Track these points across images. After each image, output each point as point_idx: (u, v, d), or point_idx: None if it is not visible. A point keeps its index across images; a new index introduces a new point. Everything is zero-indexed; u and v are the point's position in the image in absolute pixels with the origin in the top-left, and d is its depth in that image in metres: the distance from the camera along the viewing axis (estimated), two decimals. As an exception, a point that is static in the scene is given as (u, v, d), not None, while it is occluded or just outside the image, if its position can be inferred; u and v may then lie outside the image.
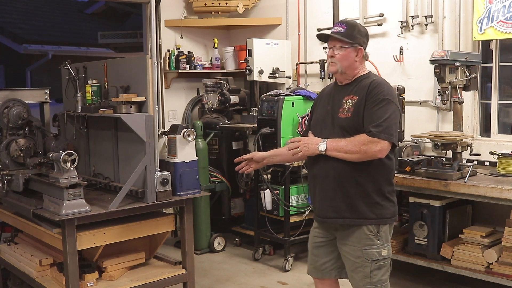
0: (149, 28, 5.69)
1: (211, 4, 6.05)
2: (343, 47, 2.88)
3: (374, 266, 2.81)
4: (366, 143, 2.70)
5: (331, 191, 2.85)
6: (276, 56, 5.68)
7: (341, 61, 2.88)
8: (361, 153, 2.71)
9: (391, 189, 2.88)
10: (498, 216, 4.25)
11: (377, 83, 2.82)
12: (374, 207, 2.81)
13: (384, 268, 2.85)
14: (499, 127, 4.71)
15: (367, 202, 2.81)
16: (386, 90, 2.79)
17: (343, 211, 2.82)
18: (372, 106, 2.76)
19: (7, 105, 4.14)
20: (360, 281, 2.85)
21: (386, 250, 2.85)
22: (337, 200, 2.83)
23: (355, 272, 2.86)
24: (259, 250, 5.29)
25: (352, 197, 2.81)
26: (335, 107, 2.90)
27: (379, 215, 2.83)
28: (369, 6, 5.26)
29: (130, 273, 3.86)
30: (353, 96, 2.84)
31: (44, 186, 3.63)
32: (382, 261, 2.83)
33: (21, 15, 12.07)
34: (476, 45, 4.67)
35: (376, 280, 2.82)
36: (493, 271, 3.99)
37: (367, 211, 2.80)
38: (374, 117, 2.73)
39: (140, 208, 3.60)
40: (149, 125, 3.55)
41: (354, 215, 2.81)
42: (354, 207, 2.81)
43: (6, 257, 4.25)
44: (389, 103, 2.76)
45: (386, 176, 2.85)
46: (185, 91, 6.35)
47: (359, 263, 2.83)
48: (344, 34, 2.88)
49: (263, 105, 5.07)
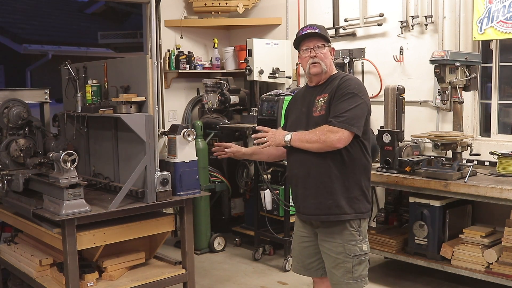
0: (149, 28, 5.69)
1: (211, 4, 6.05)
2: (325, 46, 2.93)
3: (355, 261, 2.86)
4: (325, 133, 2.74)
5: (313, 189, 2.89)
6: (276, 56, 5.68)
7: (324, 60, 2.92)
8: (320, 142, 2.76)
9: (368, 185, 2.94)
10: (498, 216, 4.26)
11: (346, 79, 2.87)
12: (352, 202, 2.86)
13: (364, 263, 2.91)
14: (499, 127, 4.71)
15: (347, 197, 2.85)
16: (354, 85, 2.83)
17: (326, 208, 2.86)
18: (338, 99, 2.80)
19: (7, 105, 4.14)
20: (341, 277, 2.89)
21: (366, 245, 2.92)
22: (320, 197, 2.87)
23: (336, 268, 2.90)
24: (259, 250, 5.29)
25: (333, 193, 2.85)
26: (310, 108, 2.94)
27: (357, 209, 2.88)
28: (369, 6, 5.26)
29: (130, 273, 3.86)
30: (324, 94, 2.89)
31: (44, 186, 3.63)
32: (363, 256, 2.90)
33: (21, 15, 12.06)
34: (476, 45, 4.67)
35: (357, 275, 2.88)
36: (493, 271, 3.99)
37: (346, 206, 2.85)
38: (336, 109, 2.78)
39: (140, 208, 3.59)
40: (149, 125, 3.55)
41: (337, 211, 2.85)
42: (336, 203, 2.85)
43: (6, 257, 4.25)
44: (354, 96, 2.79)
45: (363, 170, 2.90)
46: (185, 91, 6.35)
47: (340, 259, 2.87)
48: (322, 34, 2.92)
49: (263, 105, 5.08)
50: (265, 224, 5.12)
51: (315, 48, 2.91)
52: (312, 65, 2.92)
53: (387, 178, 4.33)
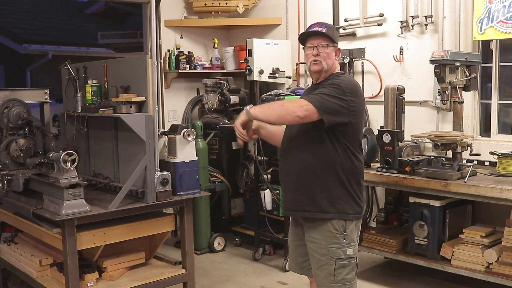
0: (149, 28, 5.69)
1: (211, 4, 6.05)
2: (329, 46, 2.93)
3: (338, 264, 2.84)
4: (291, 101, 2.72)
5: (292, 184, 2.91)
6: (276, 56, 5.67)
7: (326, 59, 2.92)
8: (282, 109, 2.70)
9: (357, 188, 2.90)
10: (498, 216, 4.26)
11: (339, 76, 2.88)
12: (334, 201, 2.83)
13: (349, 267, 2.87)
14: (499, 127, 4.71)
15: (327, 196, 2.83)
16: (344, 81, 2.80)
17: (303, 204, 2.88)
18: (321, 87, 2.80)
19: (7, 105, 4.14)
20: (324, 278, 2.88)
21: (352, 249, 2.87)
22: (297, 193, 2.89)
23: (319, 269, 2.89)
24: (259, 250, 5.29)
25: (311, 190, 2.85)
26: None
27: (341, 210, 2.84)
28: (369, 6, 5.26)
29: (130, 273, 3.86)
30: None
31: (44, 186, 3.63)
32: (347, 260, 2.86)
33: (21, 15, 12.05)
34: (476, 45, 4.67)
35: (340, 279, 2.85)
36: (493, 271, 3.99)
37: (326, 204, 2.83)
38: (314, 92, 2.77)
39: (140, 208, 3.60)
40: (149, 125, 3.55)
41: (313, 208, 2.85)
42: (313, 200, 2.85)
43: (6, 257, 4.25)
44: (338, 88, 2.75)
45: (350, 173, 2.86)
46: (185, 91, 6.35)
47: (324, 260, 2.86)
48: (328, 34, 2.93)
49: (263, 105, 5.07)
50: (265, 224, 5.12)
51: (318, 47, 2.92)
52: (313, 62, 2.94)
53: (387, 178, 4.33)
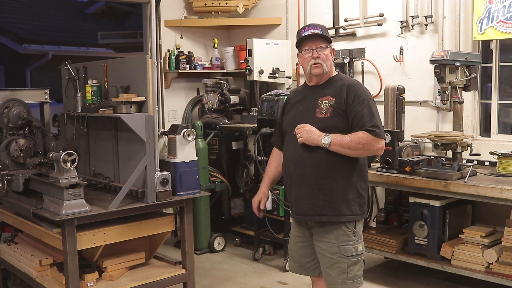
0: (149, 28, 5.69)
1: (211, 4, 6.05)
2: (328, 47, 2.96)
3: (350, 261, 2.88)
4: (370, 142, 2.82)
5: (308, 189, 2.90)
6: (276, 56, 5.68)
7: (326, 61, 2.95)
8: (364, 150, 2.83)
9: (364, 186, 2.97)
10: (498, 216, 4.26)
11: (354, 85, 2.94)
12: (349, 204, 2.88)
13: (359, 263, 2.92)
14: (499, 127, 4.72)
15: (343, 199, 2.87)
16: (363, 91, 2.93)
17: (320, 209, 2.88)
18: (357, 107, 2.86)
19: (7, 105, 4.14)
20: (336, 277, 2.90)
21: (361, 246, 2.94)
22: (314, 197, 2.89)
23: (331, 268, 2.91)
24: (259, 250, 5.29)
25: (329, 194, 2.86)
26: (310, 108, 2.95)
27: (354, 211, 2.90)
28: (369, 6, 5.26)
29: (130, 273, 3.86)
30: (329, 97, 2.91)
31: (44, 186, 3.63)
32: (358, 256, 2.91)
33: (21, 15, 12.04)
34: (476, 45, 4.67)
35: (352, 275, 2.89)
36: (493, 271, 3.99)
37: (343, 207, 2.87)
38: (365, 118, 2.85)
39: (140, 208, 3.60)
40: (149, 125, 3.55)
41: (331, 212, 2.87)
42: (331, 204, 2.86)
43: (6, 257, 4.25)
44: (371, 102, 2.90)
45: (360, 172, 2.93)
46: (185, 91, 6.35)
47: (335, 259, 2.88)
48: (324, 35, 2.95)
49: (263, 105, 5.08)
50: (265, 224, 5.11)
51: (317, 49, 2.92)
52: (314, 66, 2.93)
53: (387, 178, 4.33)
